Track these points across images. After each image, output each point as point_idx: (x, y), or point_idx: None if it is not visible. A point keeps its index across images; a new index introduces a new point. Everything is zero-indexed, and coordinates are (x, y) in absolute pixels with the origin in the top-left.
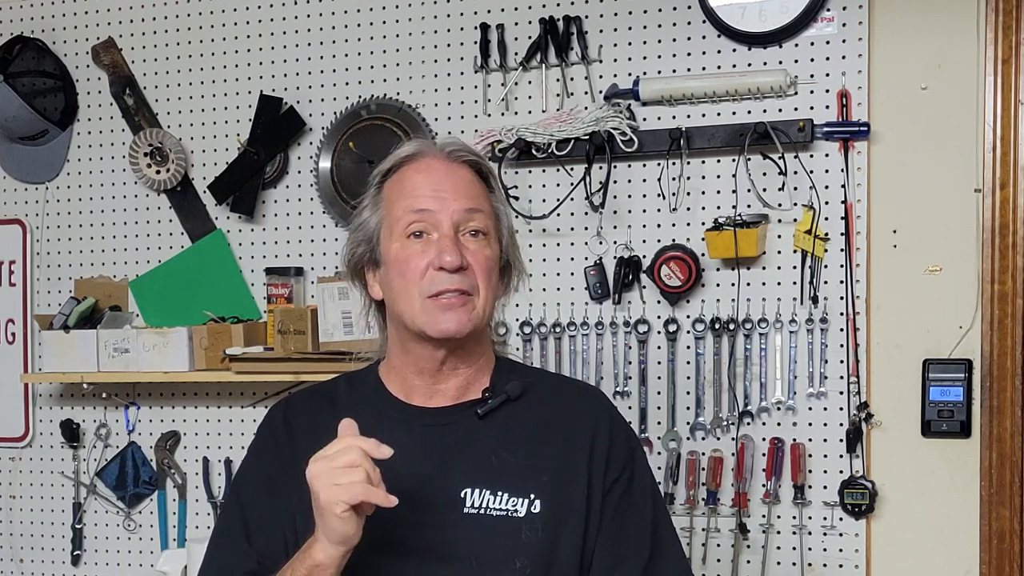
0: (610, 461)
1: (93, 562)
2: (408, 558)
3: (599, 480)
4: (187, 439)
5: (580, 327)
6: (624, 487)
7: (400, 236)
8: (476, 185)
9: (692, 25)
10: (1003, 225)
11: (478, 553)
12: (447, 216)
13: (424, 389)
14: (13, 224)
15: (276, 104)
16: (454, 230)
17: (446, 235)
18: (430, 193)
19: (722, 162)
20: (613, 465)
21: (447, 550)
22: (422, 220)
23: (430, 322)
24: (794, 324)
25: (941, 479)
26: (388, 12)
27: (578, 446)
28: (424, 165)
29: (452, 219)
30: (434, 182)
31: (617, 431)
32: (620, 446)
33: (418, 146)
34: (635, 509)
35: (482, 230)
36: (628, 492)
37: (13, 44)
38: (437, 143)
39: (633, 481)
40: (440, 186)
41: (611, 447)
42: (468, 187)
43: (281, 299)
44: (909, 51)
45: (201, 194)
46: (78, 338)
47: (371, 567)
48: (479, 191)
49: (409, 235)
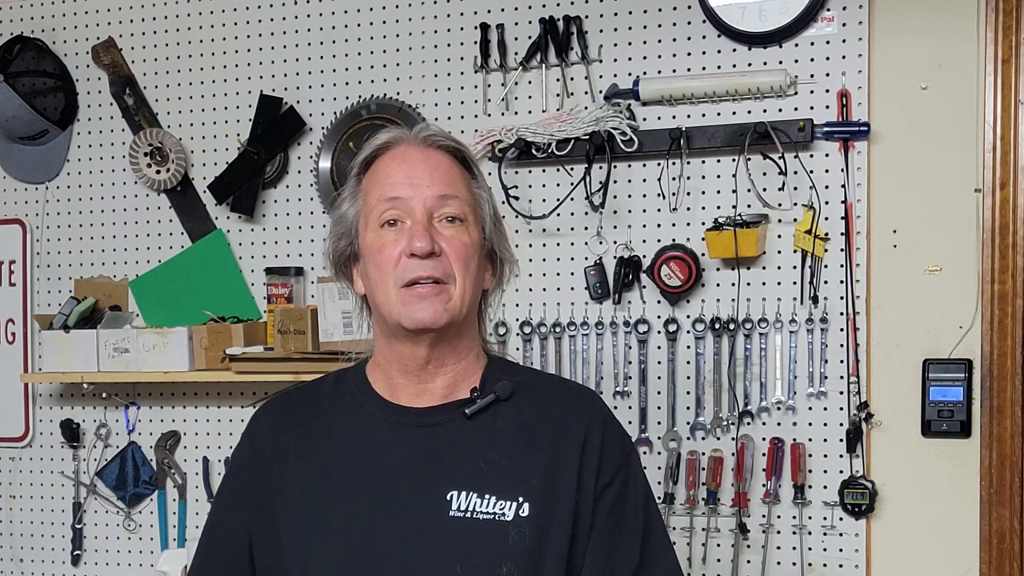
0: (602, 466)
1: (93, 562)
2: (392, 562)
3: (590, 485)
4: (187, 439)
5: (580, 327)
6: (616, 493)
7: (375, 226)
8: (453, 170)
9: (692, 25)
10: (1003, 225)
11: (464, 557)
12: (420, 203)
13: (410, 388)
14: (13, 224)
15: (276, 104)
16: (427, 216)
17: (418, 221)
18: (403, 180)
19: (722, 162)
20: (605, 470)
21: (432, 554)
22: (395, 208)
23: (405, 312)
24: (794, 324)
25: (941, 479)
26: (388, 12)
27: (569, 449)
28: (399, 153)
29: (425, 205)
30: (408, 169)
31: (610, 434)
32: (613, 450)
33: (394, 134)
34: (628, 516)
35: (458, 216)
36: (620, 499)
37: (13, 44)
38: (414, 129)
39: (626, 487)
40: (414, 173)
41: (603, 451)
42: (444, 173)
43: (281, 299)
44: (909, 51)
45: (201, 194)
46: (78, 338)
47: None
48: (456, 176)
49: (383, 224)
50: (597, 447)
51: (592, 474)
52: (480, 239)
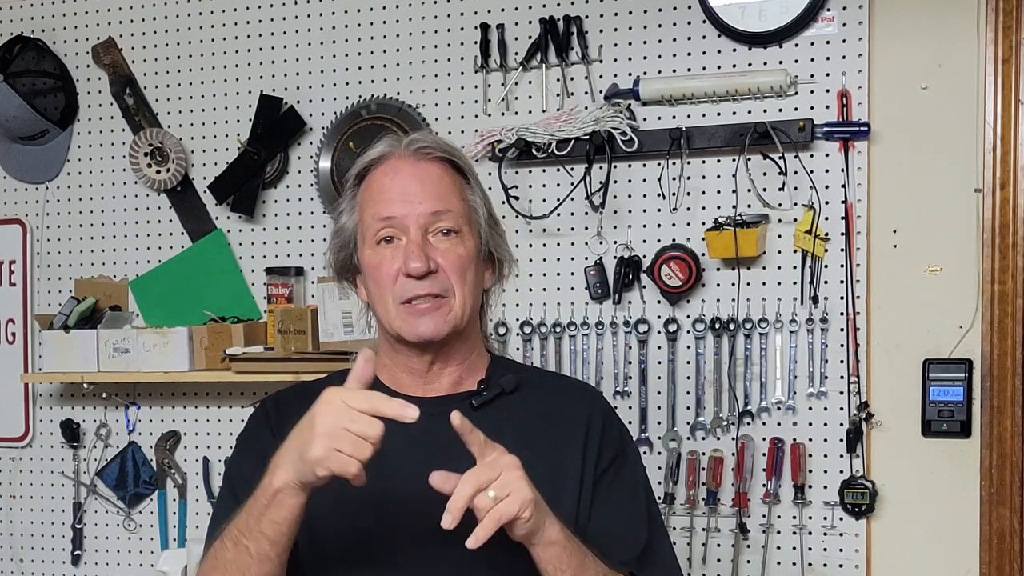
0: (601, 452)
1: (93, 562)
2: (399, 550)
3: (591, 470)
4: (187, 439)
5: (580, 327)
6: (614, 476)
7: (371, 243)
8: (445, 181)
9: (692, 25)
10: (1003, 225)
11: None
12: (413, 220)
13: (417, 386)
14: (13, 224)
15: (276, 104)
16: (421, 233)
17: (413, 240)
18: (397, 198)
19: (722, 162)
20: (604, 456)
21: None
22: (390, 226)
23: (407, 328)
24: (794, 324)
25: (941, 479)
26: (388, 12)
27: (573, 438)
28: (391, 167)
29: (419, 223)
30: (401, 185)
31: (610, 425)
32: (611, 439)
33: (386, 147)
34: (626, 498)
35: (453, 228)
36: (618, 481)
37: (13, 44)
38: (405, 140)
39: (624, 471)
40: (407, 188)
41: (602, 439)
42: (436, 186)
43: (281, 299)
44: (909, 51)
45: (201, 194)
46: (78, 338)
47: (362, 558)
48: (448, 188)
49: (379, 241)
50: (598, 435)
51: (593, 458)
52: (477, 246)
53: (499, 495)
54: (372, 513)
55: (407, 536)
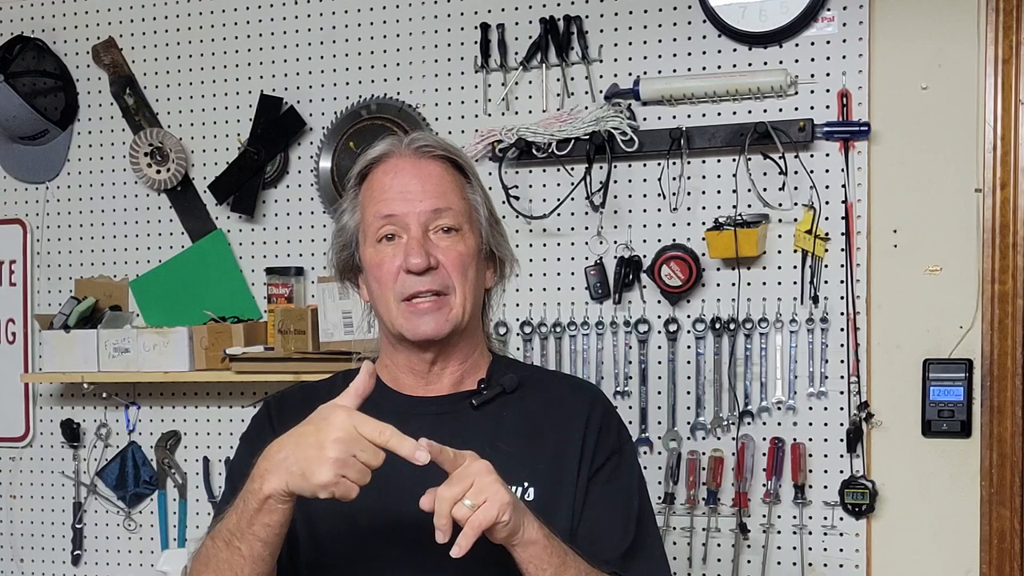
0: (597, 450)
1: (93, 562)
2: (401, 546)
3: (587, 467)
4: (187, 439)
5: (580, 327)
6: (608, 474)
7: (372, 241)
8: (446, 179)
9: (692, 25)
10: (1003, 225)
11: None
12: (414, 218)
13: (418, 385)
14: (13, 224)
15: (276, 104)
16: (422, 231)
17: (413, 236)
18: (397, 196)
19: (722, 162)
20: (600, 454)
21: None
22: (391, 224)
23: (408, 327)
24: (794, 324)
25: (941, 479)
26: (388, 12)
27: (572, 435)
28: (392, 166)
29: (419, 220)
30: (401, 184)
31: (608, 423)
32: (608, 437)
33: (387, 146)
34: (619, 496)
35: (453, 226)
36: (612, 479)
37: (13, 44)
38: (406, 139)
39: (619, 470)
40: (407, 187)
41: (599, 437)
42: (437, 184)
43: (281, 299)
44: (909, 51)
45: (201, 194)
46: (78, 338)
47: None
48: (449, 186)
49: (380, 239)
50: (595, 433)
51: (589, 454)
52: (477, 244)
53: (476, 503)
54: (369, 517)
55: (407, 538)
